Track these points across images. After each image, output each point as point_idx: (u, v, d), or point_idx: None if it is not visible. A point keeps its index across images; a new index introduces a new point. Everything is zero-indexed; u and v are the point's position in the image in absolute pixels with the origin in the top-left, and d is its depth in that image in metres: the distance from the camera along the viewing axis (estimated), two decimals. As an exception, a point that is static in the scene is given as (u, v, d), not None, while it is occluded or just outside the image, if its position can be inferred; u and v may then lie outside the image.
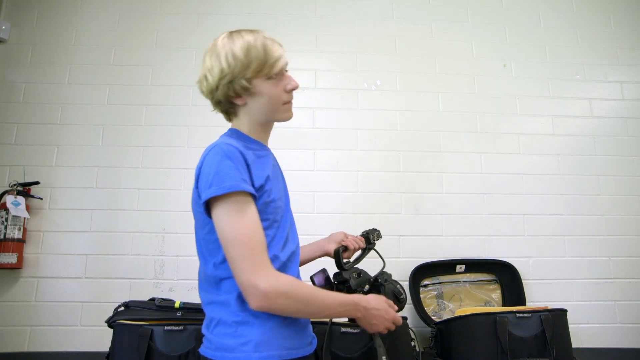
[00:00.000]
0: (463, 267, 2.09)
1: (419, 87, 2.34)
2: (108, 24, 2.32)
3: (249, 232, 0.90)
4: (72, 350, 1.91)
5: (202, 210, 0.95)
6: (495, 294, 2.10)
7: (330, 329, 1.45)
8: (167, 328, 1.46)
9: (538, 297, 2.09)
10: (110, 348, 1.48)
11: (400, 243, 2.13)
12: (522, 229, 2.19)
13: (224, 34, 1.05)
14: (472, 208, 2.20)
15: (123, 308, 1.58)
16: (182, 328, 1.46)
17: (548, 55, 2.43)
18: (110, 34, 2.30)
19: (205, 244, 0.99)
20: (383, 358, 1.14)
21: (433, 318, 1.98)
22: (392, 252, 2.09)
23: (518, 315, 1.69)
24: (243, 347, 0.91)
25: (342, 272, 1.22)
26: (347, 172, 2.21)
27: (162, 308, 1.57)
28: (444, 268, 2.09)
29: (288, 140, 2.20)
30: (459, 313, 1.82)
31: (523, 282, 2.06)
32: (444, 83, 2.35)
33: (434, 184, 2.22)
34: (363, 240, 1.33)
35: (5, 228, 1.93)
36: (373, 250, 1.35)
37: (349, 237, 1.32)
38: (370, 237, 1.35)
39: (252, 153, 1.00)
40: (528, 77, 2.39)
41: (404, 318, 1.74)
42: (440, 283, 2.09)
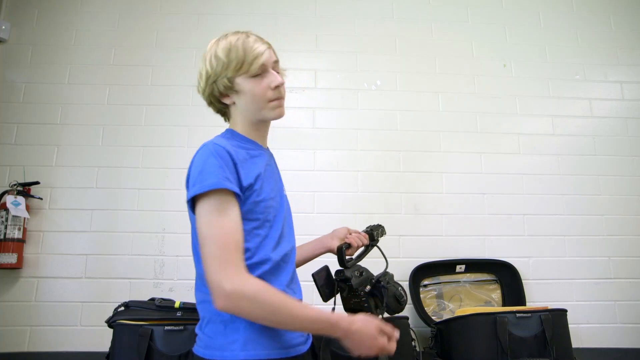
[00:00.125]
0: (463, 267, 2.09)
1: (419, 87, 2.34)
2: (108, 24, 2.32)
3: (223, 231, 0.89)
4: (72, 350, 1.91)
5: (190, 209, 0.97)
6: (495, 294, 2.10)
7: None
8: (167, 328, 1.46)
9: (538, 297, 2.09)
10: (110, 348, 1.48)
11: (400, 243, 2.13)
12: (522, 229, 2.19)
13: (214, 39, 1.08)
14: (472, 208, 2.20)
15: (123, 308, 1.58)
16: (182, 328, 1.46)
17: (548, 55, 2.43)
18: (110, 34, 2.30)
19: (196, 243, 0.99)
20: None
21: (433, 318, 1.98)
22: (392, 252, 2.09)
23: (518, 315, 1.69)
24: (231, 345, 0.91)
25: (344, 269, 1.19)
26: (347, 172, 2.21)
27: (162, 308, 1.57)
28: (444, 268, 2.09)
29: (288, 140, 2.20)
30: (459, 313, 1.82)
31: (523, 282, 2.06)
32: (444, 83, 2.35)
33: (434, 184, 2.22)
34: (367, 237, 1.30)
35: (5, 228, 1.93)
36: (376, 249, 1.33)
37: (353, 233, 1.29)
38: (374, 233, 1.32)
39: (244, 152, 1.01)
40: (528, 77, 2.39)
41: (405, 318, 1.74)
42: (440, 283, 2.09)
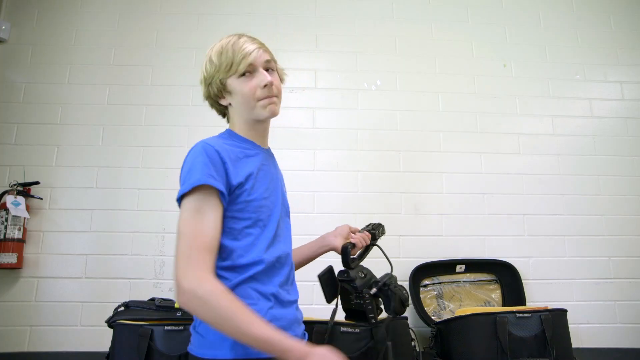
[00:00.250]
0: (463, 267, 2.09)
1: (419, 87, 2.34)
2: (108, 24, 2.32)
3: (195, 230, 0.89)
4: (72, 350, 1.91)
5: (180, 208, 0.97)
6: (495, 294, 2.10)
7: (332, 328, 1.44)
8: (167, 328, 1.45)
9: (538, 297, 2.09)
10: (110, 348, 1.47)
11: (400, 243, 2.13)
12: (522, 229, 2.19)
13: (213, 43, 1.10)
14: (472, 208, 2.20)
15: (123, 308, 1.58)
16: (182, 328, 1.46)
17: (548, 55, 2.42)
18: (110, 34, 2.30)
19: None
20: None
21: (433, 318, 1.98)
22: (392, 252, 2.03)
23: (518, 315, 1.69)
24: (222, 344, 0.91)
25: (348, 270, 1.19)
26: (347, 172, 2.20)
27: (162, 308, 1.57)
28: (444, 268, 2.09)
29: (288, 140, 2.20)
30: (459, 313, 1.82)
31: (523, 282, 2.06)
32: (444, 83, 2.35)
33: (434, 184, 2.22)
34: (369, 237, 1.29)
35: (5, 228, 1.93)
36: (378, 250, 1.32)
37: (357, 233, 1.28)
38: (376, 233, 1.31)
39: (239, 151, 1.01)
40: (528, 77, 2.39)
41: (405, 318, 1.74)
42: (440, 283, 2.09)
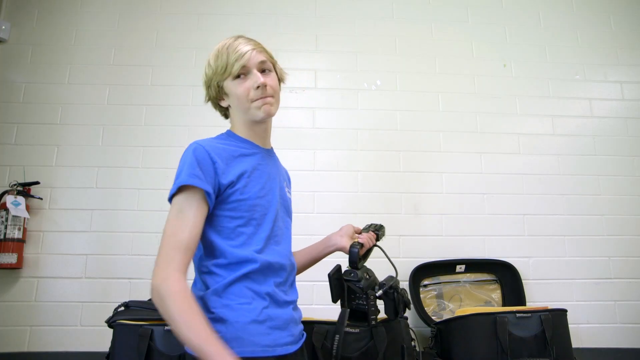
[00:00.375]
0: (463, 267, 2.09)
1: (419, 87, 2.34)
2: (108, 24, 2.32)
3: (174, 229, 0.92)
4: (72, 350, 1.91)
5: None
6: (495, 294, 2.10)
7: (335, 329, 1.44)
8: (167, 328, 1.45)
9: (538, 297, 2.09)
10: (110, 348, 1.47)
11: (400, 243, 2.13)
12: (522, 229, 2.19)
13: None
14: (472, 208, 2.20)
15: (123, 308, 1.58)
16: (182, 328, 1.46)
17: (548, 55, 2.42)
18: (110, 34, 2.30)
19: None
20: None
21: (433, 318, 1.98)
22: (392, 252, 2.04)
23: (518, 315, 1.69)
24: None
25: (355, 270, 1.19)
26: (347, 172, 2.20)
27: (162, 308, 1.57)
28: (444, 268, 2.09)
29: (288, 140, 2.20)
30: (459, 313, 1.82)
31: (523, 282, 2.06)
32: (444, 83, 2.35)
33: (434, 184, 2.22)
34: (375, 237, 1.30)
35: (5, 228, 1.93)
36: (382, 253, 1.33)
37: (363, 233, 1.28)
38: (379, 234, 1.32)
39: (234, 150, 1.02)
40: (528, 77, 2.39)
41: (405, 318, 1.74)
42: (440, 283, 2.09)
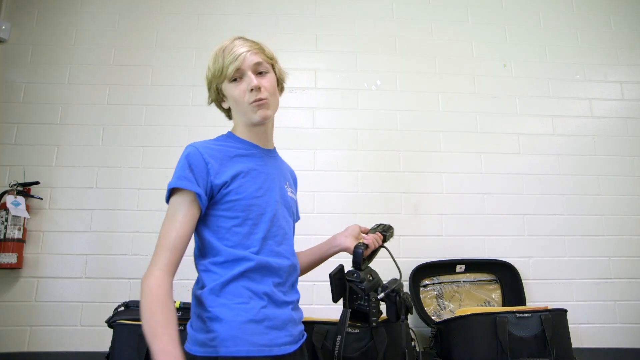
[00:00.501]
0: (463, 267, 2.09)
1: (419, 87, 2.34)
2: (108, 24, 2.32)
3: (165, 231, 0.98)
4: (72, 350, 1.91)
5: None
6: (495, 294, 2.10)
7: (335, 329, 1.44)
8: (167, 328, 1.45)
9: (538, 297, 2.09)
10: (110, 348, 1.48)
11: (400, 243, 2.12)
12: (522, 229, 2.19)
13: None
14: (472, 208, 2.20)
15: (123, 308, 1.58)
16: (182, 328, 1.45)
17: (548, 55, 2.42)
18: (110, 34, 2.30)
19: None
20: None
21: (433, 318, 1.98)
22: (392, 252, 2.09)
23: (518, 315, 1.69)
24: (211, 342, 0.92)
25: (359, 271, 1.18)
26: (347, 172, 2.20)
27: (162, 308, 1.57)
28: (444, 268, 2.09)
29: (288, 140, 2.20)
30: (459, 313, 1.82)
31: (523, 282, 2.06)
32: (444, 83, 2.35)
33: (434, 184, 2.22)
34: (381, 238, 1.27)
35: (5, 228, 1.93)
36: (387, 253, 1.30)
37: (369, 234, 1.26)
38: (386, 235, 1.29)
39: (231, 151, 1.03)
40: (528, 77, 2.39)
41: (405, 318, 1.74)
42: (440, 283, 2.09)
